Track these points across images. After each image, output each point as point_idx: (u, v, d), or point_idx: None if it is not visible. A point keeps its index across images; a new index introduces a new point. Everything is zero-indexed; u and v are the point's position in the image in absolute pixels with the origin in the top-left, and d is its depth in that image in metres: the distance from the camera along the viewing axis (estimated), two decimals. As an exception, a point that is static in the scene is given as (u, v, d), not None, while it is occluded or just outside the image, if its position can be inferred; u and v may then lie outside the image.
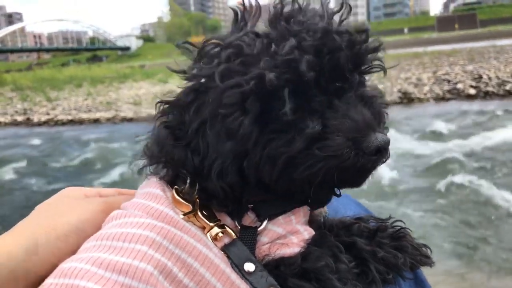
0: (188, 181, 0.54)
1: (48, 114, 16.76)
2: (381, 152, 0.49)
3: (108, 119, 14.48)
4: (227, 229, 0.52)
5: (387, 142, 0.50)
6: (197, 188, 0.53)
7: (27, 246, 0.53)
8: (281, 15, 0.53)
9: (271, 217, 0.55)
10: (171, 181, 0.57)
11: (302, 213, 0.58)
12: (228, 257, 0.49)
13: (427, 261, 0.62)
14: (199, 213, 0.52)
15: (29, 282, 0.52)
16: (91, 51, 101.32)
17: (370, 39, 0.56)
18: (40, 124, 15.79)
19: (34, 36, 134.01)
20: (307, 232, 0.56)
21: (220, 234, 0.51)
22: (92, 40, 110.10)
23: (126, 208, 0.54)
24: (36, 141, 12.01)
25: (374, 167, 0.51)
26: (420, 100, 12.87)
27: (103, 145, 10.19)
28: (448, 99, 12.74)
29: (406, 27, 79.96)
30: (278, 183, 0.51)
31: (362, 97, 0.54)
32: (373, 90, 0.59)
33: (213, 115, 0.51)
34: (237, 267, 0.48)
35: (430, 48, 27.58)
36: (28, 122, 16.15)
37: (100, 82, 24.77)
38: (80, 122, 15.06)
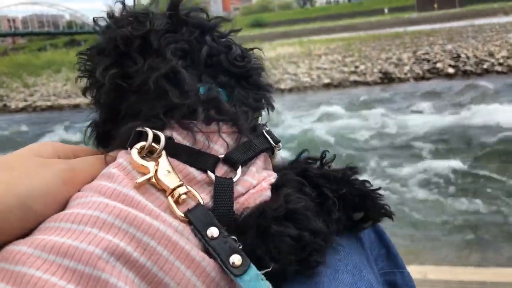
0: (150, 135, 0.51)
1: (26, 100, 16.40)
2: None
3: (89, 104, 14.16)
4: (192, 191, 0.49)
5: None
6: (163, 141, 0.51)
7: None
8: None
9: (243, 164, 0.54)
10: (132, 142, 0.53)
11: (264, 158, 0.58)
12: (190, 222, 0.47)
13: (388, 212, 0.60)
14: (159, 174, 0.48)
15: None
16: (69, 35, 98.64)
17: None
18: (17, 111, 15.45)
19: (8, 20, 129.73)
20: (272, 176, 0.55)
21: (184, 196, 0.48)
22: (69, 23, 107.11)
23: (85, 189, 0.49)
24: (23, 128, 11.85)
25: None
26: (400, 79, 13.00)
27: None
28: (428, 79, 12.90)
29: (387, 7, 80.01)
30: None
31: None
32: None
33: None
34: (200, 233, 0.46)
35: (410, 28, 27.72)
36: (5, 109, 15.78)
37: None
38: (60, 108, 14.79)
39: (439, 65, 13.53)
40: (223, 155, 0.53)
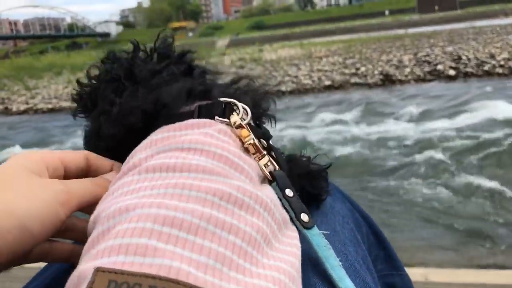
0: (241, 108, 0.56)
1: (27, 103, 16.43)
2: None
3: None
4: (271, 159, 0.55)
5: None
6: (250, 113, 0.56)
7: None
8: None
9: None
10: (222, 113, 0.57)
11: None
12: (273, 181, 0.52)
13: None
14: (255, 141, 0.54)
15: None
16: (70, 38, 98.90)
17: None
18: (19, 113, 15.49)
19: (10, 23, 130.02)
20: None
21: (269, 163, 0.54)
22: (71, 26, 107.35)
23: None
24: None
25: None
26: (401, 81, 13.01)
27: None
28: (428, 80, 12.90)
29: (387, 10, 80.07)
30: None
31: None
32: None
33: None
34: (281, 191, 0.52)
35: (411, 30, 27.76)
36: (6, 112, 15.82)
37: (80, 70, 24.23)
38: (61, 110, 14.82)
39: (440, 67, 13.53)
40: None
